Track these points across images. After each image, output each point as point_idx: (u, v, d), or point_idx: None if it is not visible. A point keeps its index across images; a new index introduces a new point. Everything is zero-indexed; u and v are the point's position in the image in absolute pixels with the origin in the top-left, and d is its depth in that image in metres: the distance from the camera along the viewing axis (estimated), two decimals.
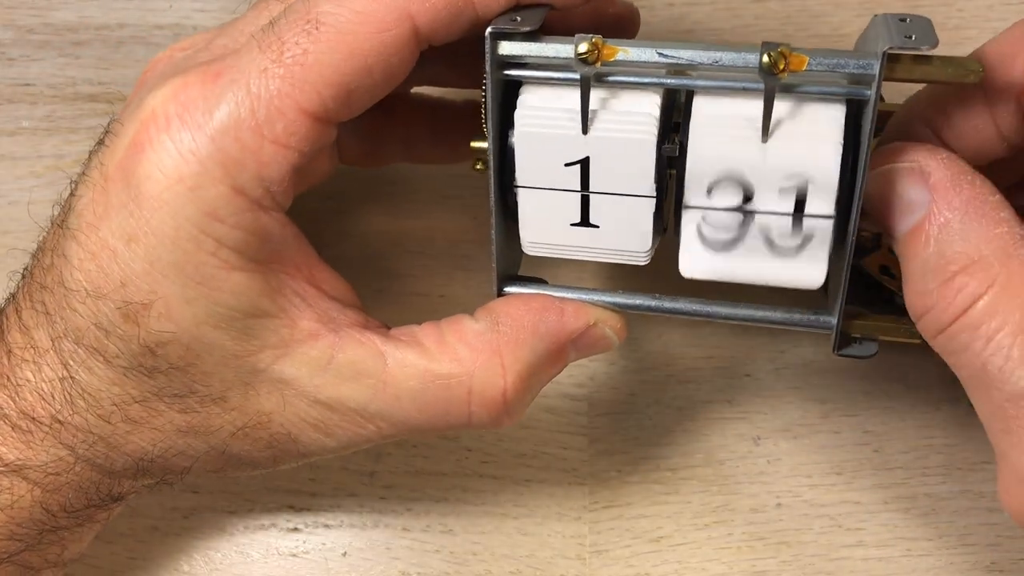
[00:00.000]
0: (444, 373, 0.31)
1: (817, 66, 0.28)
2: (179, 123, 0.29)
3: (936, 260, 0.28)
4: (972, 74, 0.28)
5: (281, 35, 0.29)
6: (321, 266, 0.32)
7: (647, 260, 0.32)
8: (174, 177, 0.28)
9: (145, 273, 0.29)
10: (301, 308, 0.31)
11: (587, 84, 0.29)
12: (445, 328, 0.32)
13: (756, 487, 0.40)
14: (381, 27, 0.29)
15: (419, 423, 0.32)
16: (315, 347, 0.31)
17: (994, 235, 0.27)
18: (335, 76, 0.29)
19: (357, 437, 0.32)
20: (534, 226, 0.32)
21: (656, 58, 0.29)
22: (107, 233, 0.29)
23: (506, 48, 0.30)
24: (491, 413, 0.31)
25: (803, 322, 0.31)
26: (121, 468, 0.32)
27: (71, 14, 0.45)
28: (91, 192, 0.30)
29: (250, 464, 0.33)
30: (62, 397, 0.31)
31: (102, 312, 0.30)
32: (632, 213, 0.31)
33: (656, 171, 0.30)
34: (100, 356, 0.30)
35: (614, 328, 0.33)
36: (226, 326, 0.30)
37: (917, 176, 0.28)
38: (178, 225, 0.29)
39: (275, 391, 0.31)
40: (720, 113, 0.29)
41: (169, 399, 0.31)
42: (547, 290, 0.33)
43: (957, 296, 0.27)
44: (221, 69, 0.29)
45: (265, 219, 0.30)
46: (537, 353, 0.32)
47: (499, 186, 0.31)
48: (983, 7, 0.44)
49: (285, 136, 0.29)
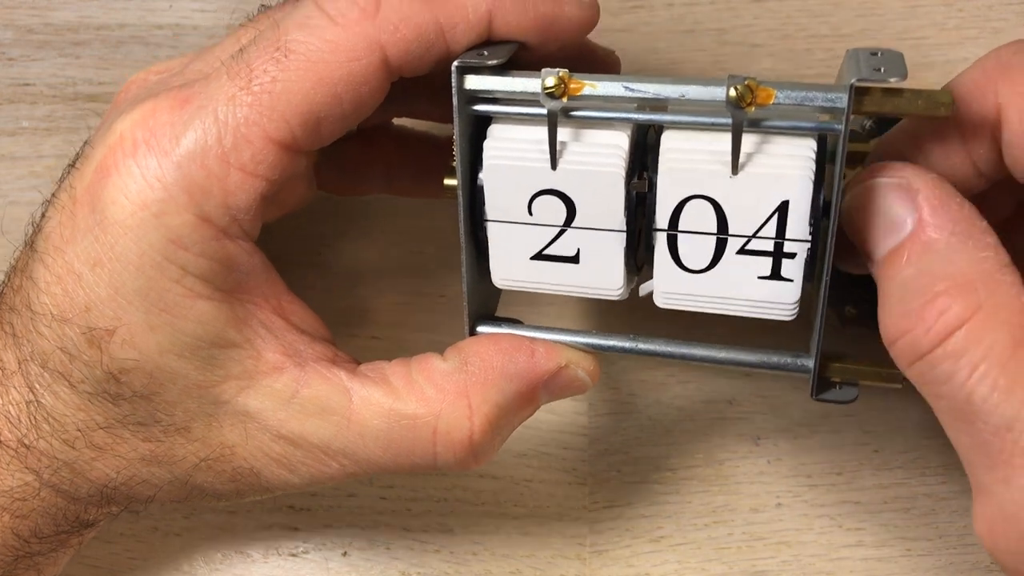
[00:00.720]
0: (409, 413, 0.31)
1: (785, 99, 0.27)
2: (146, 149, 0.28)
3: (917, 280, 0.26)
4: (942, 107, 0.27)
5: (250, 62, 0.29)
6: (289, 297, 0.32)
7: (621, 296, 0.32)
8: (139, 203, 0.28)
9: (109, 299, 0.29)
10: (267, 339, 0.31)
11: (554, 118, 0.29)
12: (413, 366, 0.32)
13: (756, 487, 0.40)
14: (351, 56, 0.29)
15: (384, 462, 0.31)
16: (279, 380, 0.31)
17: (980, 259, 0.26)
18: (303, 104, 0.28)
19: (321, 474, 0.32)
20: (504, 260, 0.32)
21: (623, 92, 0.29)
22: (73, 257, 0.29)
23: (473, 82, 0.30)
24: (457, 455, 0.31)
25: (780, 365, 0.31)
26: (86, 495, 0.32)
27: (71, 14, 0.45)
28: (59, 215, 0.30)
29: (214, 496, 0.33)
30: (28, 421, 0.31)
31: (67, 336, 0.30)
32: (603, 248, 0.30)
33: (626, 205, 0.30)
34: (65, 381, 0.30)
35: (587, 370, 0.32)
36: (190, 355, 0.30)
37: (904, 193, 0.27)
38: (142, 252, 0.29)
39: (238, 424, 0.31)
40: (689, 147, 0.29)
41: (133, 427, 0.31)
42: (519, 330, 0.32)
43: (939, 319, 0.26)
44: (190, 95, 0.29)
45: (231, 247, 0.29)
46: (506, 395, 0.31)
47: (469, 220, 0.31)
48: (983, 7, 0.44)
49: (252, 164, 0.29)
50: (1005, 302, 0.26)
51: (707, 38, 0.44)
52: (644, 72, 0.44)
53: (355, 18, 0.29)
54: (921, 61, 0.44)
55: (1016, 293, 0.26)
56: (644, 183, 0.29)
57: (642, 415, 0.41)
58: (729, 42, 0.44)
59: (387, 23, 0.29)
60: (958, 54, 0.44)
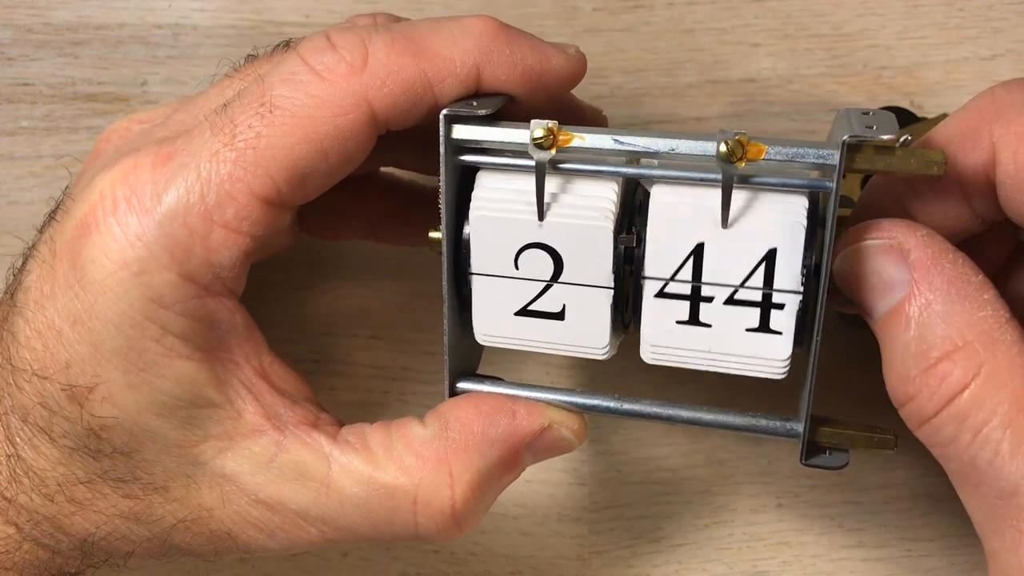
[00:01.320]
0: (388, 483, 0.30)
1: (776, 155, 0.27)
2: (126, 207, 0.28)
3: (917, 345, 0.26)
4: (935, 166, 0.27)
5: (234, 118, 0.28)
6: (271, 357, 0.31)
7: (607, 355, 0.31)
8: (119, 262, 0.28)
9: (89, 356, 0.29)
10: (247, 400, 0.30)
11: (542, 170, 0.29)
12: (394, 432, 0.31)
13: (756, 487, 0.40)
14: (337, 112, 0.28)
15: (364, 530, 0.31)
16: (258, 443, 0.30)
17: (978, 319, 0.26)
18: (289, 160, 0.28)
19: (300, 540, 0.31)
20: (488, 315, 0.31)
21: (612, 144, 0.28)
22: (53, 313, 0.29)
23: (461, 132, 0.29)
24: (439, 525, 0.30)
25: (769, 429, 0.30)
26: (67, 548, 0.32)
27: (70, 14, 0.45)
28: (39, 269, 0.30)
29: (191, 554, 0.32)
30: (8, 473, 0.30)
31: (48, 392, 0.29)
32: (590, 304, 0.30)
33: (614, 260, 0.29)
34: (46, 435, 0.30)
35: (572, 429, 0.31)
36: (169, 414, 0.29)
37: (896, 253, 0.27)
38: (121, 311, 0.28)
39: (216, 486, 0.31)
40: (680, 200, 0.29)
41: (113, 483, 0.31)
42: (500, 388, 0.32)
43: (941, 385, 0.26)
44: (172, 152, 0.29)
45: (213, 305, 0.29)
46: (488, 460, 0.30)
47: (452, 274, 0.31)
48: (983, 7, 0.44)
49: (236, 221, 0.28)
50: (1006, 363, 0.25)
51: (707, 38, 0.44)
52: (642, 70, 0.44)
53: (342, 73, 0.28)
54: (921, 61, 0.44)
55: (1017, 352, 0.26)
56: (633, 237, 0.29)
57: None
58: (729, 42, 0.44)
59: (374, 78, 0.28)
60: (958, 54, 0.44)
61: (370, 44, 0.29)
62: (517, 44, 0.30)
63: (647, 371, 0.33)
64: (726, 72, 0.44)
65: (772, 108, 0.44)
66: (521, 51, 0.30)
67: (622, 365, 0.33)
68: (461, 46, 0.29)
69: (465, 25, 0.30)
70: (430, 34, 0.30)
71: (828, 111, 0.43)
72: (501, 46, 0.30)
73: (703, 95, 0.44)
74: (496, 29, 0.30)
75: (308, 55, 0.29)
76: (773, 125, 0.43)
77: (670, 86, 0.44)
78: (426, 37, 0.29)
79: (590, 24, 0.45)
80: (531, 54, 0.30)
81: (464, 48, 0.29)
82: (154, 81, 0.44)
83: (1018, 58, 0.44)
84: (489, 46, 0.30)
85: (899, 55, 0.44)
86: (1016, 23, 0.44)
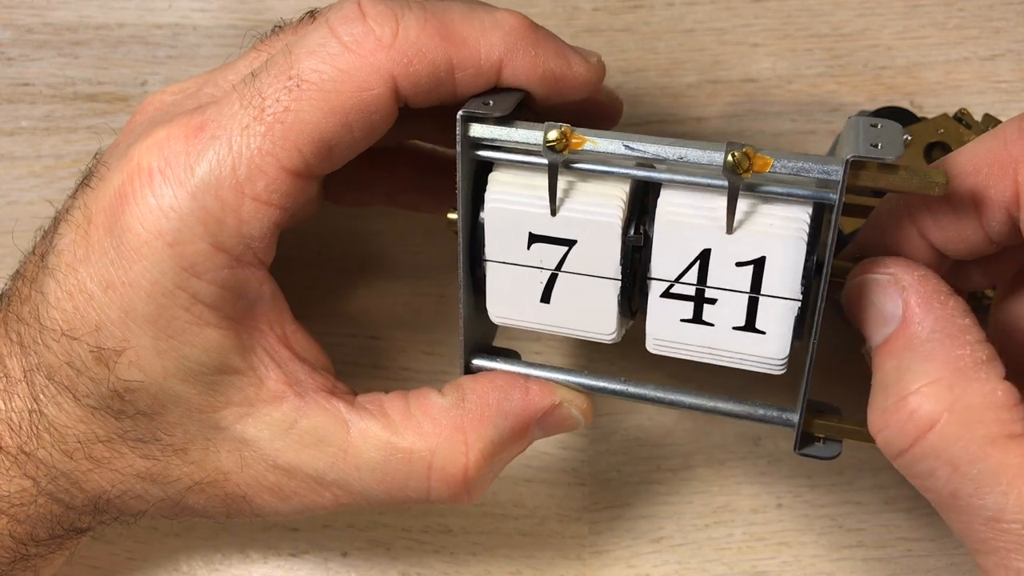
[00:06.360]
0: (406, 447, 0.31)
1: (781, 168, 0.28)
2: (161, 178, 0.29)
3: (895, 378, 0.27)
4: (936, 187, 0.27)
5: (262, 90, 0.29)
6: (294, 326, 0.32)
7: (614, 340, 0.32)
8: (154, 232, 0.29)
9: (119, 321, 0.29)
10: (269, 368, 0.31)
11: (555, 170, 0.30)
12: (412, 400, 0.32)
13: (757, 487, 0.40)
14: (363, 86, 0.29)
15: (377, 494, 0.32)
16: (279, 409, 0.31)
17: (955, 356, 0.27)
18: (315, 133, 0.29)
19: (313, 504, 0.32)
20: (501, 300, 0.32)
21: (623, 150, 0.29)
22: (86, 276, 0.29)
23: (477, 130, 0.30)
24: (451, 489, 0.31)
25: (766, 417, 0.32)
26: (80, 504, 0.32)
27: (70, 13, 0.45)
28: (73, 233, 0.30)
29: (203, 516, 0.33)
30: (29, 429, 0.31)
31: (75, 352, 0.30)
32: (597, 293, 0.31)
33: (622, 254, 0.30)
34: (70, 394, 0.30)
35: (580, 408, 0.33)
36: (193, 380, 0.30)
37: (894, 288, 0.28)
38: (154, 279, 0.29)
39: (235, 451, 0.31)
40: (687, 203, 0.30)
41: (133, 443, 0.31)
42: (515, 366, 0.33)
43: (911, 418, 0.27)
44: (203, 122, 0.29)
45: (243, 275, 0.30)
46: (501, 431, 0.32)
47: (468, 259, 0.32)
48: (983, 7, 0.44)
49: (266, 194, 0.29)
50: (977, 400, 0.26)
51: (707, 38, 0.44)
52: (642, 70, 0.44)
53: (370, 48, 0.29)
54: (921, 61, 0.44)
55: (991, 389, 0.26)
56: (640, 237, 0.30)
57: (642, 415, 0.41)
58: (729, 42, 0.44)
59: (401, 55, 0.29)
60: (958, 54, 0.44)
61: (402, 19, 0.29)
62: (543, 46, 0.31)
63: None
64: (726, 72, 0.44)
65: (772, 108, 0.44)
66: (545, 54, 0.31)
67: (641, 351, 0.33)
68: (489, 38, 0.30)
69: (496, 18, 0.30)
70: (462, 20, 0.30)
71: (828, 111, 0.43)
72: (527, 45, 0.30)
73: (703, 95, 0.44)
74: (525, 28, 0.31)
75: (338, 24, 0.29)
76: (773, 125, 0.43)
77: (670, 86, 0.44)
78: (457, 22, 0.30)
79: (590, 24, 0.45)
80: (554, 58, 0.31)
81: (491, 41, 0.30)
82: (154, 81, 0.44)
83: (1018, 58, 0.44)
84: (516, 43, 0.30)
85: (899, 55, 0.44)
86: (1016, 23, 0.44)
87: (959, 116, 0.39)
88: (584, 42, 0.42)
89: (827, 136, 0.43)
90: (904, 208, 0.30)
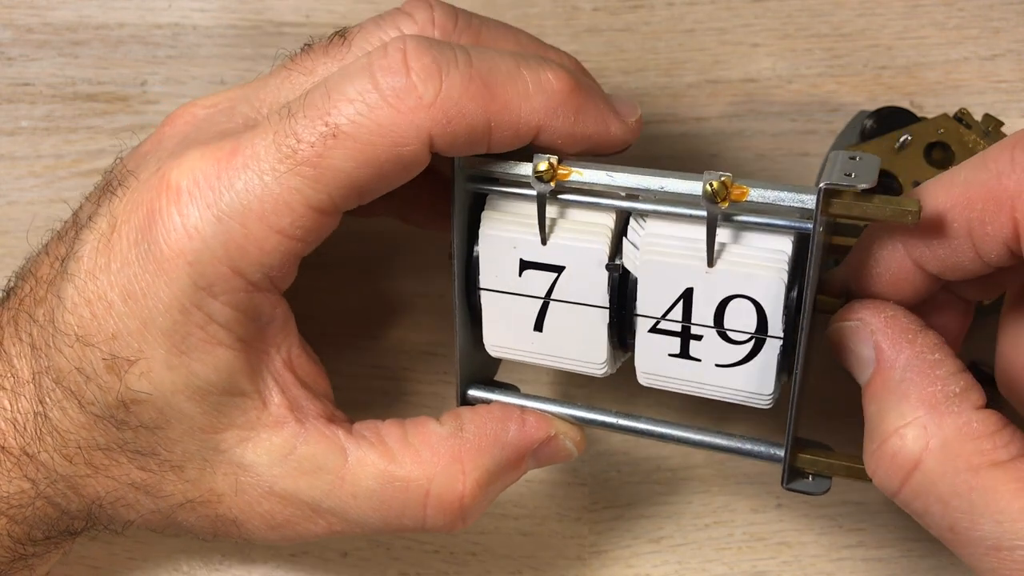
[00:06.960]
0: (403, 475, 0.31)
1: (758, 198, 0.28)
2: (189, 199, 0.29)
3: (876, 420, 0.28)
4: (909, 216, 0.27)
5: (297, 132, 0.29)
6: (299, 349, 0.32)
7: (605, 372, 0.33)
8: (176, 250, 0.29)
9: (138, 331, 0.30)
10: (273, 392, 0.31)
11: (543, 199, 0.30)
12: (410, 429, 0.32)
13: (756, 487, 0.40)
14: (399, 143, 0.28)
15: (372, 522, 0.32)
16: (279, 434, 0.31)
17: (927, 394, 0.27)
18: (348, 180, 0.29)
19: (305, 532, 0.32)
20: (496, 329, 0.33)
21: (606, 180, 0.30)
22: (107, 285, 0.30)
23: (472, 163, 0.31)
24: (447, 517, 0.32)
25: (753, 452, 0.32)
26: (75, 509, 0.33)
27: (70, 13, 0.45)
28: (96, 241, 0.30)
29: (190, 532, 0.34)
30: (33, 431, 0.31)
31: (87, 358, 0.30)
32: (588, 322, 0.31)
33: (608, 283, 0.31)
34: (76, 399, 0.31)
35: (574, 440, 0.33)
36: (200, 399, 0.30)
37: (864, 333, 0.28)
38: (173, 295, 0.29)
39: (231, 475, 0.32)
40: (669, 234, 0.30)
41: (131, 454, 0.31)
42: (511, 398, 0.34)
43: (894, 461, 0.27)
44: (236, 147, 0.29)
45: (259, 300, 0.30)
46: (497, 461, 0.32)
47: (464, 289, 0.32)
48: (983, 7, 0.44)
49: (291, 229, 0.29)
50: (952, 434, 0.26)
51: (707, 38, 0.44)
52: (642, 70, 0.44)
53: (411, 106, 0.28)
54: (921, 61, 0.44)
55: (965, 421, 0.26)
56: (619, 267, 0.31)
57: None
58: (729, 42, 0.44)
59: (441, 115, 0.29)
60: (958, 54, 0.44)
61: (446, 77, 0.29)
62: (583, 112, 0.30)
63: None
64: (726, 72, 0.44)
65: (772, 108, 0.44)
66: (585, 120, 0.30)
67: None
68: (532, 103, 0.30)
69: (542, 81, 0.30)
70: (507, 80, 0.29)
71: (828, 111, 0.43)
72: (568, 112, 0.30)
73: (703, 95, 0.44)
74: (569, 91, 0.30)
75: (380, 75, 0.29)
76: (773, 125, 0.43)
77: (670, 86, 0.44)
78: (501, 83, 0.29)
79: (590, 24, 0.45)
80: (593, 124, 0.31)
81: (533, 106, 0.30)
82: (154, 81, 0.44)
83: (1018, 58, 0.44)
84: (557, 110, 0.30)
85: (899, 55, 0.44)
86: (1016, 23, 0.44)
87: (959, 116, 0.39)
88: (584, 42, 0.42)
89: (827, 136, 0.43)
90: (890, 234, 0.30)
